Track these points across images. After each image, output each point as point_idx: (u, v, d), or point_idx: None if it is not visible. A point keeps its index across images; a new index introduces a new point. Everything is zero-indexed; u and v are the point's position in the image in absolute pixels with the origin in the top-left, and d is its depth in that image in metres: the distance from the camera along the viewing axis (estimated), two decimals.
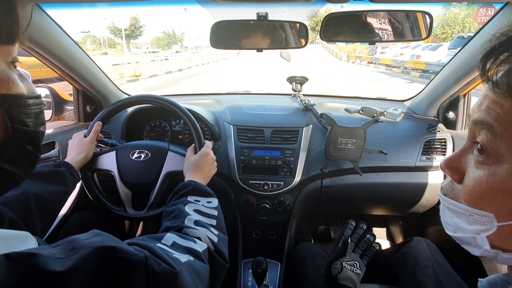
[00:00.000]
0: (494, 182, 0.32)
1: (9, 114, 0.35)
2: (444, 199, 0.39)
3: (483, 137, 0.32)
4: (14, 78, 0.36)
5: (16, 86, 0.36)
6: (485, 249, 0.35)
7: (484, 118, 0.31)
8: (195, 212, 0.61)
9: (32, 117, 0.39)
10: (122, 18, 13.63)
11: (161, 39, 57.06)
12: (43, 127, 0.42)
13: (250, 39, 0.94)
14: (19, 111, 0.36)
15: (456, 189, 0.37)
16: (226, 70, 16.00)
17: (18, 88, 0.37)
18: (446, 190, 0.39)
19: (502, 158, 0.31)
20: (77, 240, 0.34)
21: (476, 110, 0.33)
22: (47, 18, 0.88)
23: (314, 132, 1.15)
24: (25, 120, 0.37)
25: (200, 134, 0.87)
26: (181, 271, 0.39)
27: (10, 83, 0.36)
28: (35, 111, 0.39)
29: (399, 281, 0.88)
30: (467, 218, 0.36)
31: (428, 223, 1.30)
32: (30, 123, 0.38)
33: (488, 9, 11.85)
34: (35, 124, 0.39)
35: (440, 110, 1.20)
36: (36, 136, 0.40)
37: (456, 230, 0.38)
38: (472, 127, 0.34)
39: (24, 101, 0.37)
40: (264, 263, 0.97)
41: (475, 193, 0.34)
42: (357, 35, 0.93)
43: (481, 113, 0.32)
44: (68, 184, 0.77)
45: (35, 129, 0.40)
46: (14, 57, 0.37)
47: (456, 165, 0.37)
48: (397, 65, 14.18)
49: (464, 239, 0.37)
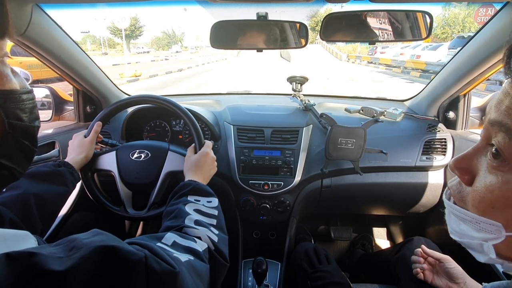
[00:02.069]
0: (508, 191, 0.29)
1: (4, 110, 0.35)
2: (450, 206, 0.36)
3: (500, 141, 0.29)
4: (7, 73, 0.36)
5: (9, 82, 0.36)
6: (490, 257, 0.34)
7: (503, 120, 0.28)
8: (195, 211, 0.61)
9: (27, 112, 0.39)
10: (122, 18, 13.63)
11: (161, 39, 57.07)
12: (38, 121, 0.42)
13: (250, 39, 0.94)
14: (14, 106, 0.36)
15: (464, 192, 0.35)
16: (226, 70, 16.00)
17: (12, 83, 0.36)
18: (453, 192, 0.36)
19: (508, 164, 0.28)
20: (77, 240, 0.34)
21: (495, 109, 0.30)
22: (47, 18, 0.88)
23: (314, 132, 1.15)
24: (20, 115, 0.37)
25: (200, 134, 0.87)
26: (181, 271, 0.39)
27: (4, 79, 0.35)
28: (29, 106, 0.39)
29: (399, 281, 0.88)
30: (474, 225, 0.33)
31: (428, 223, 1.30)
32: (25, 118, 0.38)
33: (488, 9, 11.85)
34: (30, 119, 0.39)
35: (440, 110, 1.20)
36: (32, 130, 0.40)
37: (462, 236, 0.36)
38: (489, 127, 0.31)
39: (18, 96, 0.37)
40: (264, 263, 0.97)
41: (485, 200, 0.31)
42: (357, 35, 0.93)
43: (500, 114, 0.29)
44: (68, 184, 0.77)
45: (31, 123, 0.40)
46: (5, 52, 0.36)
47: (466, 165, 0.34)
48: (397, 65, 14.17)
49: (470, 245, 0.35)
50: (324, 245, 1.60)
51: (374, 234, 1.63)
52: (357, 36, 0.94)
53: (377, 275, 1.13)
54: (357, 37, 0.94)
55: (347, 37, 0.92)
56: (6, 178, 0.38)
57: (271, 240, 1.21)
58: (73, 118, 1.26)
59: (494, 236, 0.32)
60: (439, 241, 0.97)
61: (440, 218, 1.21)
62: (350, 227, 1.59)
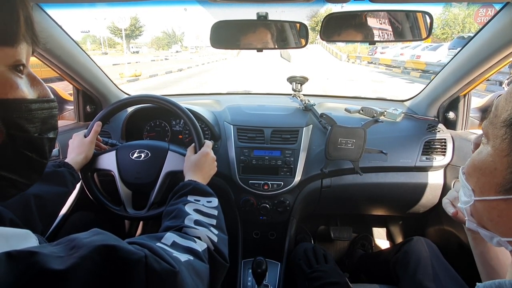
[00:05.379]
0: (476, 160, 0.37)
1: (4, 120, 0.33)
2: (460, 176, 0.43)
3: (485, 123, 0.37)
4: (14, 82, 0.34)
5: (15, 90, 0.34)
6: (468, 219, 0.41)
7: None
8: (195, 211, 0.61)
9: (35, 122, 0.36)
10: (122, 18, 13.64)
11: (161, 39, 57.07)
12: (52, 132, 0.40)
13: (250, 39, 0.94)
14: (18, 116, 0.34)
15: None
16: (226, 70, 16.00)
17: (18, 92, 0.34)
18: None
19: (489, 141, 0.35)
20: (78, 239, 0.34)
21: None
22: (47, 18, 0.88)
23: (314, 132, 1.15)
24: (26, 126, 0.35)
25: (200, 134, 0.87)
26: (181, 270, 0.39)
27: (8, 87, 0.33)
28: (41, 116, 0.37)
29: (399, 281, 0.88)
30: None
31: (428, 223, 1.30)
32: (32, 129, 0.36)
33: (488, 9, 11.86)
34: (41, 130, 0.37)
35: (440, 110, 1.20)
36: (39, 142, 0.38)
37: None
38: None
39: (25, 106, 0.35)
40: (264, 263, 0.97)
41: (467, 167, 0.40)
42: (357, 35, 0.93)
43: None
44: (68, 184, 0.77)
45: (40, 135, 0.37)
46: (17, 60, 0.34)
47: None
48: (397, 65, 14.18)
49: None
50: (324, 245, 1.60)
51: (374, 234, 1.63)
52: (357, 36, 0.94)
53: (377, 275, 1.13)
54: (357, 37, 0.94)
55: (347, 37, 0.92)
56: (7, 189, 0.37)
57: (271, 240, 1.21)
58: (73, 117, 1.26)
59: (468, 200, 0.39)
60: (439, 241, 0.97)
61: (440, 218, 1.21)
62: (350, 227, 1.59)
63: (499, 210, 0.35)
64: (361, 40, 0.94)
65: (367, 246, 1.52)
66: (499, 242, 0.38)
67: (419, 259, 0.86)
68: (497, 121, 0.34)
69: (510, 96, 0.34)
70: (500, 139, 0.33)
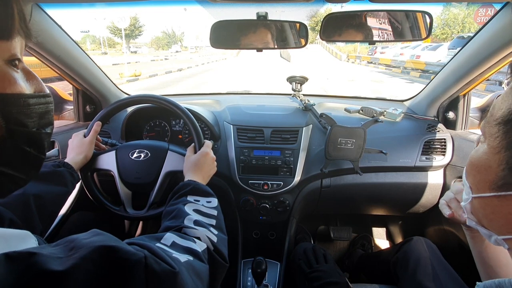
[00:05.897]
0: (473, 157, 0.38)
1: (4, 115, 0.33)
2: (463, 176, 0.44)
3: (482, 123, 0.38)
4: (12, 76, 0.34)
5: (13, 85, 0.34)
6: (468, 217, 0.42)
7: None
8: (194, 212, 0.61)
9: (33, 117, 0.37)
10: (122, 18, 13.63)
11: (160, 38, 57.03)
12: (49, 128, 0.40)
13: (250, 39, 0.94)
14: (17, 111, 0.34)
15: None
16: (226, 70, 15.99)
17: (16, 87, 0.35)
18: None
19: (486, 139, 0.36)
20: (77, 240, 0.34)
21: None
22: (47, 18, 0.88)
23: (314, 132, 1.15)
24: (24, 120, 0.35)
25: (199, 133, 0.87)
26: (181, 271, 0.39)
27: (6, 82, 0.34)
28: (39, 111, 0.37)
29: (399, 281, 0.88)
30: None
31: (428, 223, 1.31)
32: (31, 123, 0.36)
33: (488, 9, 11.87)
34: (39, 124, 0.38)
35: (440, 110, 1.20)
36: (37, 137, 0.38)
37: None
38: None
39: (23, 101, 0.35)
40: (263, 263, 0.97)
41: (466, 164, 0.41)
42: (357, 35, 0.92)
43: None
44: (68, 184, 0.77)
45: (38, 130, 0.38)
46: (13, 54, 0.34)
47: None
48: (397, 65, 14.19)
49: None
50: (323, 245, 1.60)
51: (374, 234, 1.63)
52: (357, 36, 0.94)
53: (377, 275, 1.13)
54: (357, 37, 0.94)
55: (347, 37, 0.92)
56: (6, 185, 0.37)
57: (270, 240, 1.21)
58: (72, 117, 1.26)
59: (468, 197, 0.40)
60: (439, 241, 0.97)
61: (439, 218, 1.21)
62: (350, 227, 1.59)
63: (492, 207, 0.36)
64: (361, 40, 0.94)
65: (367, 246, 1.52)
66: (497, 240, 0.38)
67: (418, 259, 0.86)
68: (492, 119, 0.35)
69: (506, 95, 0.34)
70: (494, 137, 0.35)
